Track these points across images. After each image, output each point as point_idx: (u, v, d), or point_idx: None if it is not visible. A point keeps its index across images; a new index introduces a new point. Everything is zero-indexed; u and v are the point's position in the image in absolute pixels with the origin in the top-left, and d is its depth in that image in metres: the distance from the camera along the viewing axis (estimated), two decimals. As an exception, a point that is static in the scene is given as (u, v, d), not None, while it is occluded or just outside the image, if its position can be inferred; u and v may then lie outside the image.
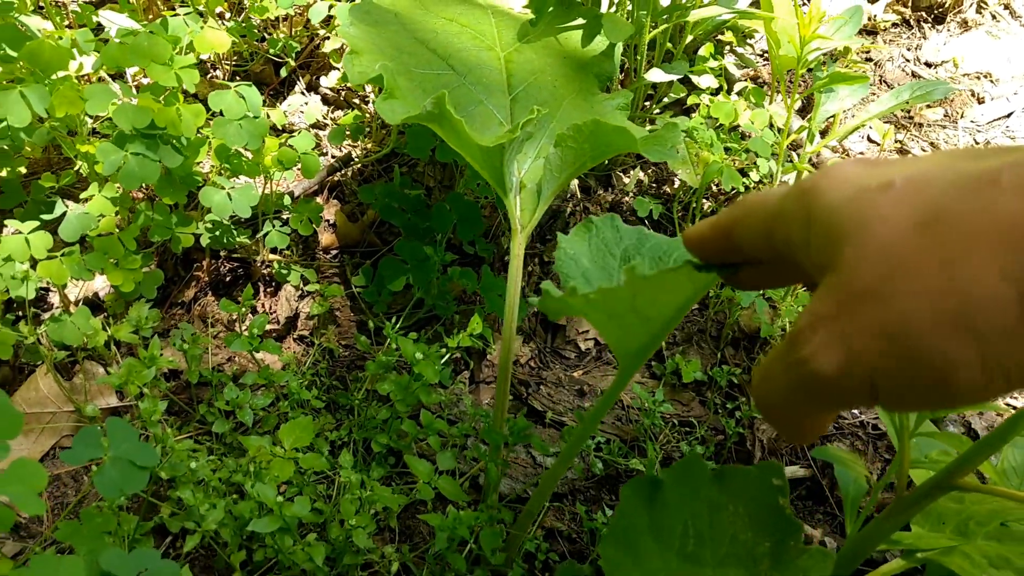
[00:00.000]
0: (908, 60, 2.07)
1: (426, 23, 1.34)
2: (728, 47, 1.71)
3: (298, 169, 1.43)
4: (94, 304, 1.48)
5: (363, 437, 1.30)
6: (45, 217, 1.32)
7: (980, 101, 1.98)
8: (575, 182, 1.69)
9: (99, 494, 1.11)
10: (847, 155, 1.84)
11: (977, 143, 1.90)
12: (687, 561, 0.81)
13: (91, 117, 1.49)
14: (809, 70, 1.70)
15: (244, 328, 1.44)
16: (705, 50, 1.66)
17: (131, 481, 0.97)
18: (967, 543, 0.94)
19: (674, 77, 1.54)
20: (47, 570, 0.88)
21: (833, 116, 1.54)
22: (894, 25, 2.15)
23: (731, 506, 0.83)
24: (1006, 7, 2.16)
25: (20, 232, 1.26)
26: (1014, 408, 1.48)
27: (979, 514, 0.95)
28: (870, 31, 2.15)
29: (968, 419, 1.45)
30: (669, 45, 1.63)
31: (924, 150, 1.88)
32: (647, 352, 0.77)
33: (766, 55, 1.94)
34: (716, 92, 1.62)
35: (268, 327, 1.52)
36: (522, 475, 1.34)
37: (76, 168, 1.43)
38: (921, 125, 1.93)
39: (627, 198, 1.67)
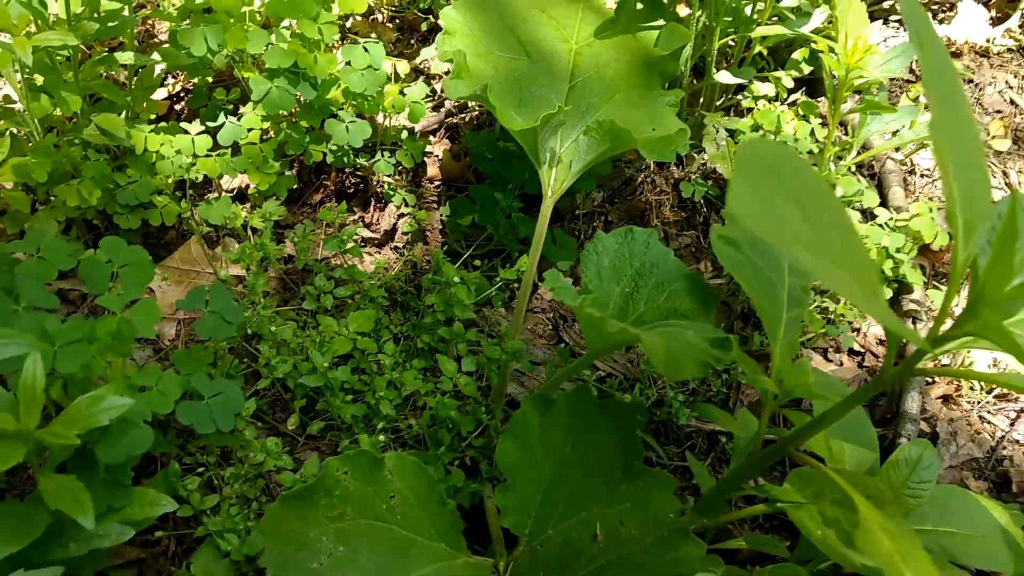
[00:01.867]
0: (1012, 87, 2.17)
1: (520, 11, 1.63)
2: (803, 61, 1.88)
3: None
4: (243, 195, 1.89)
5: (416, 335, 1.65)
6: (210, 124, 1.72)
7: (1066, 138, 2.07)
8: (652, 156, 1.95)
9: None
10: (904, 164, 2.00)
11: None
12: (562, 464, 1.11)
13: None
14: (859, 92, 1.87)
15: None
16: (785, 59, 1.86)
17: (221, 329, 1.36)
18: (816, 503, 1.20)
19: (740, 81, 1.76)
20: (151, 379, 1.28)
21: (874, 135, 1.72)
22: (1008, 51, 2.23)
23: (603, 428, 1.12)
24: None
25: (188, 133, 1.67)
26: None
27: (824, 483, 1.20)
28: (982, 53, 2.24)
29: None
30: (745, 51, 1.84)
31: (995, 172, 2.01)
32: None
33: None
34: (773, 100, 1.82)
35: (370, 235, 1.89)
36: (534, 386, 1.66)
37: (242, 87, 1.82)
38: (1000, 153, 2.05)
39: (695, 175, 1.91)
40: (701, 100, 1.86)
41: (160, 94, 2.06)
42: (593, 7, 1.69)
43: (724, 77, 1.77)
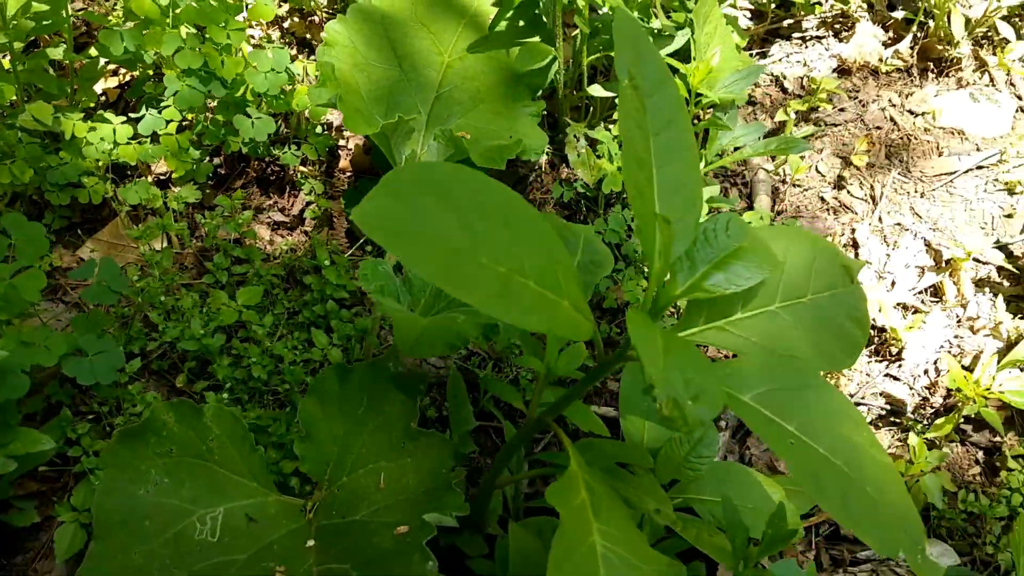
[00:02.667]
0: (894, 105, 2.33)
1: (403, 25, 1.83)
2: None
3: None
4: (170, 180, 2.11)
5: (301, 310, 1.87)
6: (132, 116, 1.95)
7: (939, 155, 2.23)
8: (544, 158, 2.14)
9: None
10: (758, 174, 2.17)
11: (914, 192, 2.16)
12: (356, 422, 1.32)
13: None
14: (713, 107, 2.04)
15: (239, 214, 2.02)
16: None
17: (105, 296, 1.59)
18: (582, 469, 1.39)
19: (611, 94, 1.95)
20: (40, 337, 1.51)
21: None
22: (897, 70, 2.39)
23: (392, 394, 1.32)
24: (1008, 74, 2.34)
25: (111, 123, 1.89)
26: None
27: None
28: (873, 72, 2.40)
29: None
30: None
31: (864, 185, 2.17)
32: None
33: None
34: None
35: (282, 219, 2.10)
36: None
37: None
38: (873, 165, 2.21)
39: (580, 176, 2.10)
40: (591, 111, 2.05)
41: (113, 83, 2.29)
42: (475, 23, 1.89)
43: (596, 90, 1.95)
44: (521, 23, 1.87)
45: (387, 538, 1.21)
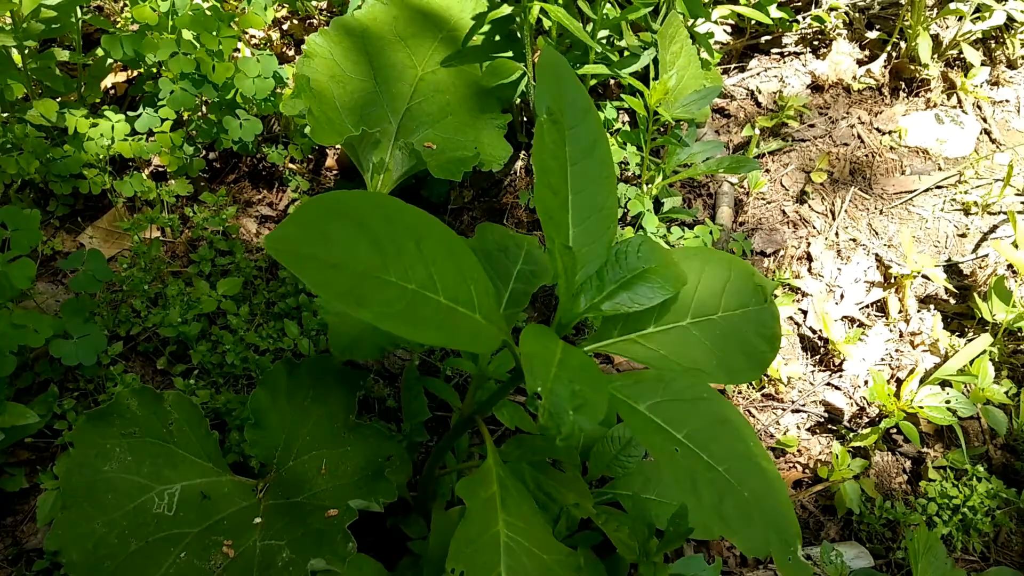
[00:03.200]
0: (863, 123, 2.41)
1: (381, 40, 1.95)
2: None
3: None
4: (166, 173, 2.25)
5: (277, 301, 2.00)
6: (130, 114, 2.09)
7: (902, 173, 2.31)
8: (520, 163, 2.26)
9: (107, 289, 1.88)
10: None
11: (873, 209, 2.25)
12: (302, 412, 1.46)
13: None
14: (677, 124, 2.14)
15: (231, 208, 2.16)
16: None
17: (90, 285, 1.73)
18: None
19: (578, 107, 2.05)
20: (29, 320, 1.66)
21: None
22: (869, 88, 2.47)
23: (336, 387, 1.46)
24: (976, 100, 2.41)
25: (110, 120, 2.04)
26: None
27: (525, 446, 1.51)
28: (847, 89, 2.48)
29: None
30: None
31: (825, 201, 2.26)
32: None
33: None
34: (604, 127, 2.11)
35: (269, 213, 2.24)
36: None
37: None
38: (837, 181, 2.30)
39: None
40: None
41: (122, 77, 2.44)
42: (451, 38, 2.00)
43: (565, 103, 2.06)
44: (497, 38, 1.98)
45: (319, 519, 1.34)
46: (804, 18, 2.63)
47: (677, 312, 1.38)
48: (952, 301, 2.08)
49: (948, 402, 1.75)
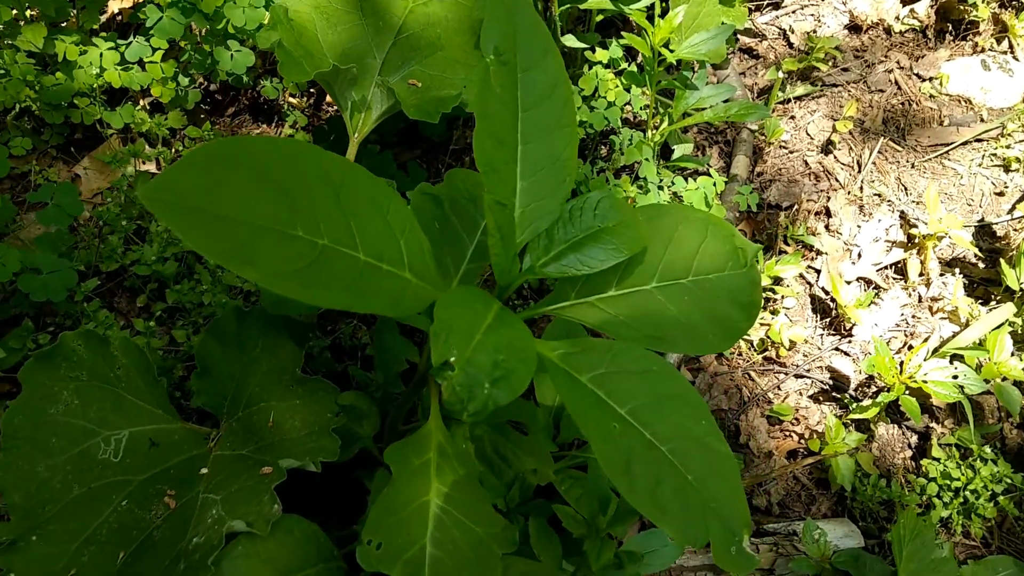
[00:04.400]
0: (902, 68, 2.23)
1: (371, -30, 1.83)
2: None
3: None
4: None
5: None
6: (120, 42, 2.02)
7: (940, 124, 2.14)
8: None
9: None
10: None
11: (904, 162, 2.09)
12: (251, 362, 1.40)
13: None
14: (680, 65, 1.99)
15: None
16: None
17: (60, 220, 1.69)
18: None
19: (583, 46, 1.93)
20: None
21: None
22: (912, 31, 2.28)
23: (285, 339, 1.40)
24: (1029, 40, 2.21)
25: (98, 48, 1.98)
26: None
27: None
28: (887, 30, 2.29)
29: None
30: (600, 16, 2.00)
31: (853, 152, 2.11)
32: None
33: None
34: (607, 67, 1.97)
35: (266, 148, 2.17)
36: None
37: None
38: (868, 131, 2.14)
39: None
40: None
41: (128, 2, 2.38)
42: (447, -33, 1.88)
43: (569, 41, 1.93)
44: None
45: (254, 476, 1.29)
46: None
47: (642, 275, 1.27)
48: (980, 265, 1.92)
49: (956, 377, 1.62)
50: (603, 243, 1.19)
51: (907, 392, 1.64)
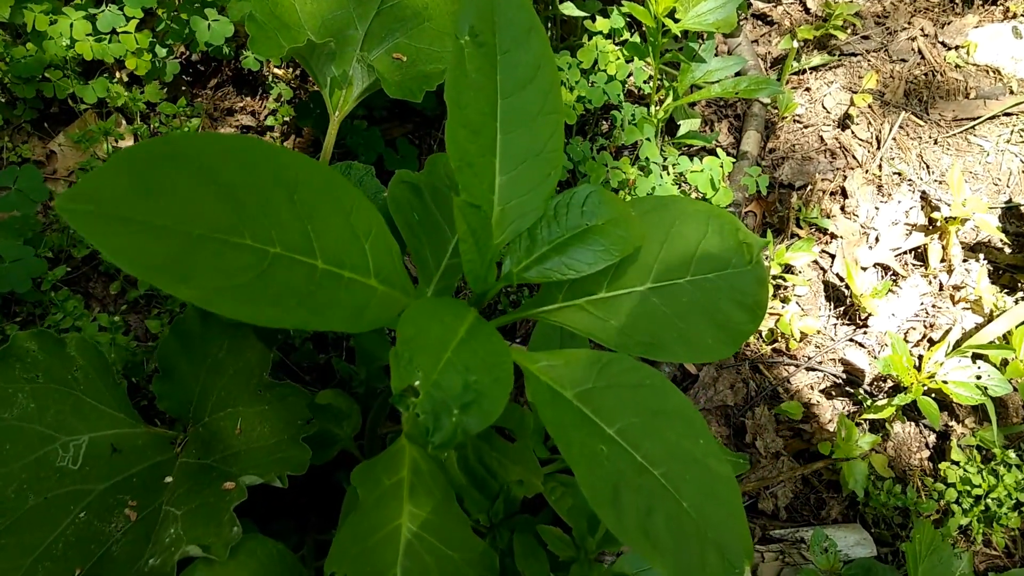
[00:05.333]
0: (926, 35, 2.09)
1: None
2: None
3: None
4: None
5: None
6: (92, 11, 1.90)
7: (966, 96, 2.00)
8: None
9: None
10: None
11: (927, 138, 1.96)
12: (216, 365, 1.30)
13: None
14: (686, 36, 1.86)
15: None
16: None
17: (23, 206, 1.59)
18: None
19: (583, 14, 1.80)
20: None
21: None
22: (938, -6, 2.14)
23: (252, 341, 1.30)
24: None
25: (69, 17, 1.86)
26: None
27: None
28: (911, -6, 2.15)
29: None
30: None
31: (872, 127, 1.98)
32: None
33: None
34: (607, 37, 1.84)
35: (251, 122, 2.06)
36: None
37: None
38: (888, 104, 2.01)
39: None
40: (550, 34, 1.90)
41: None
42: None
43: (568, 9, 1.80)
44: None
45: (216, 491, 1.20)
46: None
47: (636, 275, 1.16)
48: (1007, 250, 1.80)
49: (979, 377, 1.51)
50: (591, 244, 1.08)
51: (925, 392, 1.52)
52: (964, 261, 1.78)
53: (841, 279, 1.79)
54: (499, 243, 1.05)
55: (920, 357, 1.58)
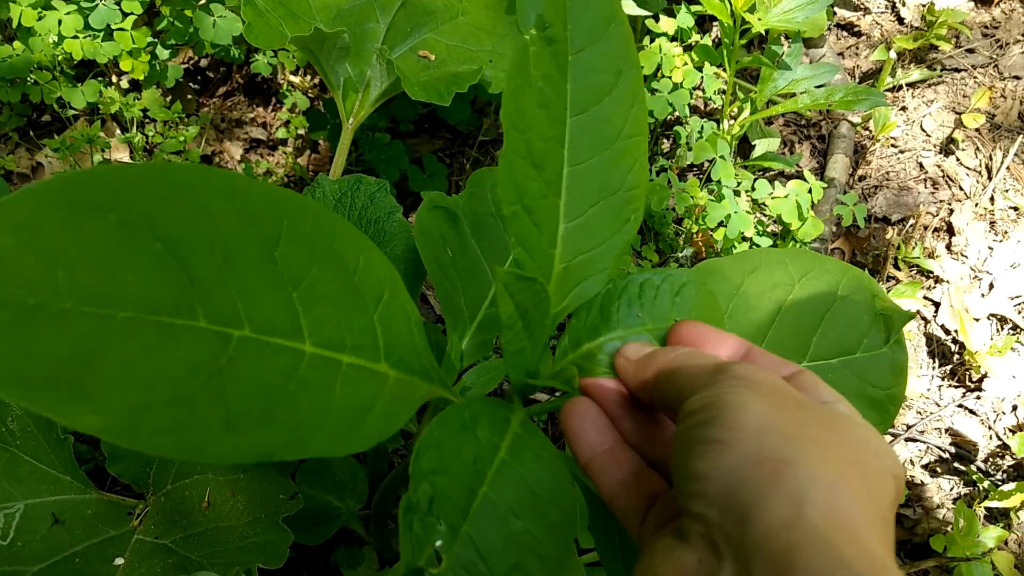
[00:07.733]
0: (1043, 48, 1.80)
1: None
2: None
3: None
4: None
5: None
6: (84, 5, 1.68)
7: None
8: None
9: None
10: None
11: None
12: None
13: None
14: (761, 41, 1.59)
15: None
16: None
17: None
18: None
19: (645, 13, 1.54)
20: None
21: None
22: (1056, 3, 1.85)
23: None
24: None
25: (58, 11, 1.64)
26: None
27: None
28: None
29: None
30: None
31: (980, 153, 1.68)
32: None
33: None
34: (674, 38, 1.58)
35: (261, 136, 1.82)
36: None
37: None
38: (999, 127, 1.71)
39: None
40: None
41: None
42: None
43: (627, 7, 1.55)
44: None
45: (171, 586, 0.94)
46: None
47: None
48: None
49: None
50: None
51: (1069, 478, 1.23)
52: (1100, 314, 1.48)
53: (948, 332, 1.49)
54: (559, 313, 0.76)
55: (1060, 433, 1.28)
